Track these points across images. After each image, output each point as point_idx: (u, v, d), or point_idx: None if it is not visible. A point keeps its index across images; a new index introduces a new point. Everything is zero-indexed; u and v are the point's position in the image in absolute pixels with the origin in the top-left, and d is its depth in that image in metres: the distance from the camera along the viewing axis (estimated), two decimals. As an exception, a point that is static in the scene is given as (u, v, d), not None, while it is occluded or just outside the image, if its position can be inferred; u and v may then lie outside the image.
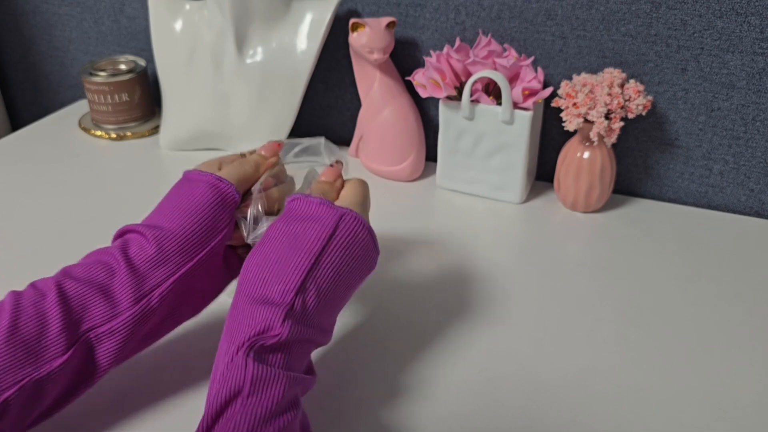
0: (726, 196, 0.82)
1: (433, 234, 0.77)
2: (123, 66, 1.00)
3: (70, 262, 0.58)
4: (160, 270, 0.50)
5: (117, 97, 0.97)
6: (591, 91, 0.74)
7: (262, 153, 0.60)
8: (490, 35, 0.80)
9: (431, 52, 0.81)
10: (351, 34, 0.81)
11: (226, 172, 0.56)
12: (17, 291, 0.48)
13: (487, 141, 0.80)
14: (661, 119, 0.81)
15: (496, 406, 0.55)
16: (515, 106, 0.77)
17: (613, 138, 0.75)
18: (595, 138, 0.74)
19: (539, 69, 0.77)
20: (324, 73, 0.95)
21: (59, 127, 1.03)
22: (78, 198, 0.84)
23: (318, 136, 0.76)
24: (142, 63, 1.01)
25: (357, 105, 0.94)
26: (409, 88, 0.87)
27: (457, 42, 0.80)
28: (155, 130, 1.01)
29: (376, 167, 0.89)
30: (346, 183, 0.57)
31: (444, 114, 0.81)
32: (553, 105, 0.77)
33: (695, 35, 0.75)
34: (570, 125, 0.75)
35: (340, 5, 0.86)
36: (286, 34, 0.87)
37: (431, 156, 0.90)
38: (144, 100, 1.00)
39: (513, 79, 0.78)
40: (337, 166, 0.58)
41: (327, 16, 0.84)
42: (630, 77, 0.79)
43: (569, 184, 0.79)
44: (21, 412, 0.45)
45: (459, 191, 0.85)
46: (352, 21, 0.80)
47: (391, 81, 0.85)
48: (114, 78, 0.96)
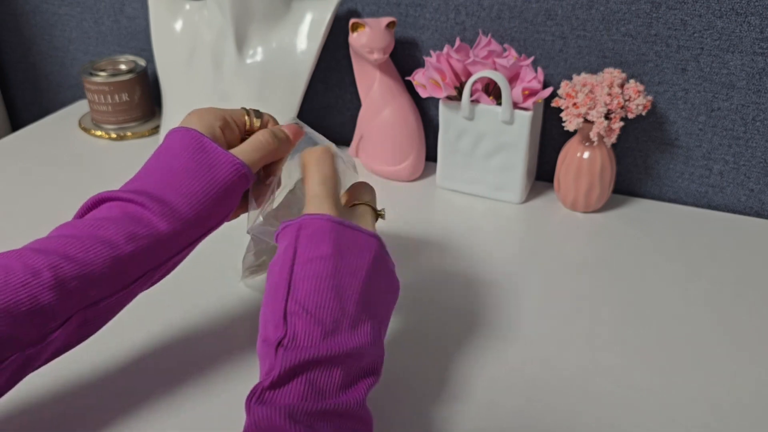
0: (726, 196, 0.82)
1: (433, 234, 0.77)
2: (123, 66, 1.00)
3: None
4: (163, 252, 0.49)
5: (117, 97, 0.97)
6: (591, 91, 0.74)
7: (286, 134, 0.55)
8: (490, 35, 0.80)
9: (431, 52, 0.81)
10: (351, 34, 0.81)
11: (248, 156, 0.52)
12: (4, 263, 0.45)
13: (487, 141, 0.80)
14: (661, 119, 0.81)
15: (494, 405, 0.55)
16: (515, 106, 0.77)
17: (613, 138, 0.75)
18: (595, 138, 0.74)
19: (539, 69, 0.77)
20: (324, 73, 0.95)
21: (59, 127, 1.03)
22: (78, 198, 0.84)
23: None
24: (142, 63, 1.01)
25: (357, 105, 0.94)
26: (409, 88, 0.87)
27: (457, 42, 0.80)
28: (155, 130, 1.01)
29: (376, 167, 0.89)
30: (309, 164, 0.52)
31: (444, 114, 0.81)
32: (553, 105, 0.77)
33: (695, 35, 0.75)
34: (570, 125, 0.75)
35: (340, 5, 0.86)
36: (286, 34, 0.87)
37: (431, 156, 0.90)
38: (144, 100, 1.00)
39: (513, 79, 0.78)
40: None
41: (327, 16, 0.84)
42: (630, 77, 0.79)
43: (569, 184, 0.79)
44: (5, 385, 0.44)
45: (459, 191, 0.85)
46: (352, 21, 0.80)
47: (391, 81, 0.85)
48: (114, 78, 0.96)
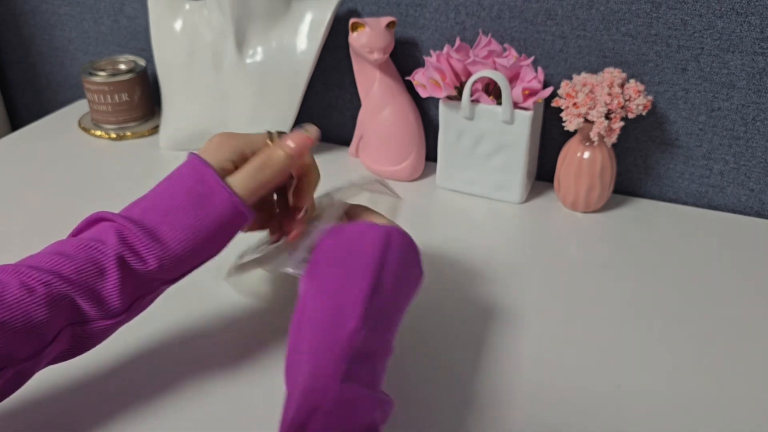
0: (726, 196, 0.82)
1: (433, 234, 0.77)
2: (123, 66, 1.00)
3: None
4: (151, 284, 0.49)
5: (117, 97, 0.97)
6: (591, 91, 0.74)
7: (289, 147, 0.52)
8: (490, 35, 0.80)
9: (431, 52, 0.81)
10: (351, 34, 0.81)
11: (241, 185, 0.51)
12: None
13: (487, 141, 0.80)
14: (661, 119, 0.81)
15: (493, 405, 0.55)
16: (515, 106, 0.77)
17: (613, 138, 0.75)
18: (595, 138, 0.74)
19: (539, 69, 0.77)
20: (324, 73, 0.95)
21: (59, 127, 1.03)
22: (78, 198, 0.84)
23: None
24: (142, 63, 1.01)
25: (357, 105, 0.94)
26: (409, 88, 0.86)
27: (457, 42, 0.80)
28: (155, 130, 1.01)
29: (376, 167, 0.89)
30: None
31: (444, 114, 0.81)
32: (553, 105, 0.77)
33: (695, 35, 0.75)
34: (570, 125, 0.75)
35: (340, 5, 0.86)
36: (286, 34, 0.87)
37: (431, 156, 0.90)
38: (144, 100, 1.00)
39: (513, 79, 0.78)
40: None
41: (327, 16, 0.84)
42: (630, 77, 0.79)
43: (569, 184, 0.79)
44: None
45: (459, 191, 0.85)
46: (352, 21, 0.80)
47: (391, 81, 0.85)
48: (114, 78, 0.96)
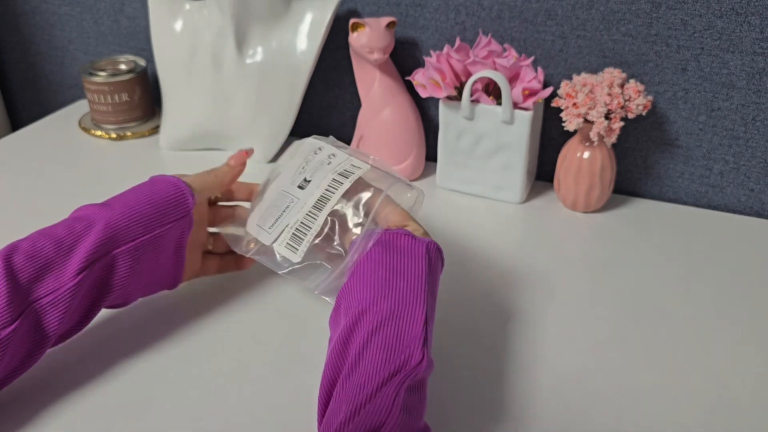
0: (726, 196, 0.82)
1: (433, 234, 0.77)
2: (123, 66, 1.00)
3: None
4: (103, 246, 0.54)
5: (117, 97, 0.97)
6: (591, 91, 0.74)
7: (229, 163, 0.64)
8: (490, 35, 0.80)
9: (431, 52, 0.81)
10: (351, 34, 0.81)
11: (191, 178, 0.61)
12: None
13: (487, 141, 0.80)
14: (661, 119, 0.81)
15: (493, 405, 0.55)
16: (515, 106, 0.77)
17: (613, 138, 0.75)
18: (595, 138, 0.74)
19: (539, 69, 0.77)
20: (324, 73, 0.95)
21: (59, 127, 1.03)
22: (78, 198, 0.84)
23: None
24: (142, 63, 1.01)
25: (357, 105, 0.94)
26: (409, 88, 0.87)
27: (457, 42, 0.80)
28: (155, 130, 1.01)
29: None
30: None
31: (444, 114, 0.81)
32: (553, 105, 0.77)
33: (695, 35, 0.75)
34: (570, 125, 0.75)
35: (340, 5, 0.86)
36: (286, 34, 0.87)
37: (431, 156, 0.90)
38: (144, 100, 1.00)
39: (513, 79, 0.78)
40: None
41: (327, 16, 0.84)
42: (630, 77, 0.79)
43: (569, 184, 0.79)
44: None
45: (459, 191, 0.85)
46: (352, 21, 0.80)
47: (391, 81, 0.85)
48: (114, 78, 0.96)
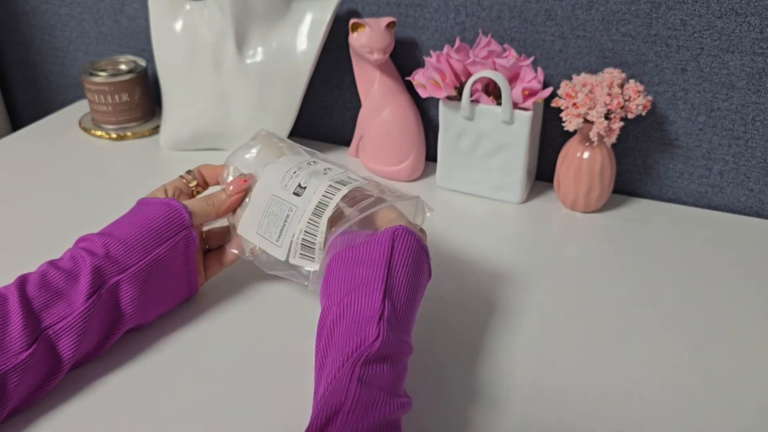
0: (726, 196, 0.82)
1: (433, 234, 0.77)
2: (123, 66, 1.00)
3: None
4: (107, 270, 0.55)
5: (117, 97, 0.97)
6: (591, 91, 0.74)
7: (229, 190, 0.63)
8: (490, 35, 0.80)
9: (431, 52, 0.81)
10: (351, 34, 0.81)
11: (188, 202, 0.61)
12: None
13: (487, 141, 0.80)
14: (661, 119, 0.81)
15: (493, 406, 0.55)
16: (515, 106, 0.77)
17: (613, 138, 0.75)
18: (595, 138, 0.74)
19: (539, 69, 0.77)
20: (324, 73, 0.95)
21: (59, 127, 1.03)
22: (78, 198, 0.84)
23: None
24: (142, 63, 1.01)
25: (357, 105, 0.94)
26: (409, 88, 0.87)
27: (457, 42, 0.80)
28: (155, 130, 1.01)
29: (376, 167, 0.89)
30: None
31: (444, 114, 0.81)
32: (553, 105, 0.77)
33: (695, 35, 0.75)
34: (570, 125, 0.75)
35: (340, 5, 0.86)
36: (286, 34, 0.87)
37: (431, 156, 0.90)
38: (144, 100, 1.00)
39: (513, 79, 0.78)
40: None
41: (327, 16, 0.84)
42: (630, 77, 0.79)
43: (569, 184, 0.79)
44: None
45: (459, 191, 0.85)
46: (352, 21, 0.80)
47: (391, 81, 0.85)
48: (114, 78, 0.96)
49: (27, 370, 0.50)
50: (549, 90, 0.77)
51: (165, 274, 0.59)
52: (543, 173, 0.88)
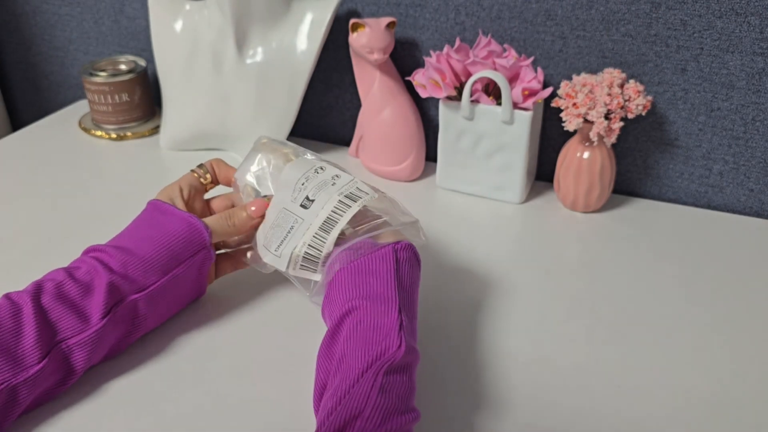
0: (726, 196, 0.82)
1: (433, 234, 0.77)
2: (123, 66, 1.00)
3: (69, 261, 0.58)
4: (125, 289, 0.55)
5: (117, 98, 0.97)
6: (591, 91, 0.74)
7: (250, 211, 0.61)
8: (490, 35, 0.80)
9: (431, 52, 0.81)
10: (351, 34, 0.81)
11: (210, 221, 0.60)
12: None
13: (487, 141, 0.80)
14: (661, 119, 0.81)
15: (493, 406, 0.55)
16: (515, 106, 0.77)
17: (613, 138, 0.75)
18: (595, 138, 0.74)
19: (539, 69, 0.77)
20: (324, 73, 0.95)
21: (59, 127, 1.03)
22: (78, 198, 0.84)
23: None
24: (142, 63, 1.01)
25: (357, 105, 0.94)
26: (409, 88, 0.87)
27: (457, 42, 0.80)
28: (155, 130, 1.01)
29: (376, 167, 0.89)
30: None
31: (444, 114, 0.81)
32: (553, 105, 0.77)
33: (695, 35, 0.75)
34: (570, 125, 0.75)
35: (340, 5, 0.86)
36: (286, 34, 0.87)
37: (431, 156, 0.90)
38: (144, 100, 1.00)
39: (513, 79, 0.78)
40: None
41: (327, 16, 0.84)
42: (630, 77, 0.79)
43: (569, 184, 0.79)
44: None
45: (459, 191, 0.85)
46: (352, 21, 0.80)
47: (391, 81, 0.85)
48: (114, 78, 0.96)
49: (38, 382, 0.51)
50: (549, 90, 0.77)
51: (178, 287, 0.59)
52: (543, 173, 0.88)
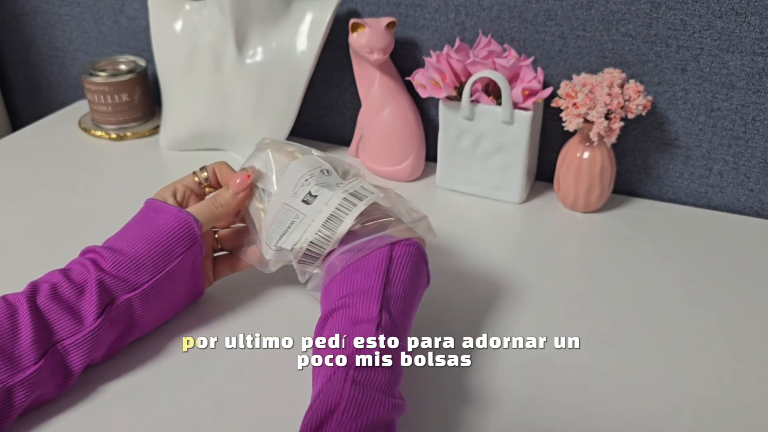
0: (726, 196, 0.82)
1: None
2: (123, 66, 1.00)
3: (68, 261, 0.58)
4: (117, 288, 0.55)
5: (117, 98, 0.97)
6: (591, 91, 0.74)
7: (233, 189, 0.60)
8: (490, 35, 0.80)
9: (431, 52, 0.81)
10: (351, 34, 0.81)
11: (195, 209, 0.60)
12: None
13: (487, 141, 0.80)
14: (661, 119, 0.81)
15: (493, 406, 0.55)
16: (515, 106, 0.77)
17: (613, 138, 0.75)
18: (595, 138, 0.74)
19: (539, 69, 0.77)
20: (324, 73, 0.95)
21: (59, 127, 1.03)
22: (78, 198, 0.84)
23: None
24: (142, 63, 1.01)
25: (357, 105, 0.94)
26: (409, 88, 0.87)
27: (457, 42, 0.80)
28: (155, 130, 1.01)
29: (376, 167, 0.89)
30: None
31: (444, 114, 0.81)
32: (553, 105, 0.77)
33: (695, 35, 0.75)
34: (570, 125, 0.75)
35: (340, 5, 0.86)
36: (286, 34, 0.87)
37: (431, 156, 0.90)
38: (144, 100, 1.00)
39: (513, 79, 0.78)
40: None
41: (327, 16, 0.84)
42: (630, 77, 0.79)
43: (569, 184, 0.79)
44: None
45: (459, 191, 0.85)
46: (352, 21, 0.80)
47: (391, 81, 0.85)
48: (114, 78, 0.96)
49: (35, 383, 0.51)
50: (549, 90, 0.77)
51: (172, 285, 0.59)
52: (543, 173, 0.88)
